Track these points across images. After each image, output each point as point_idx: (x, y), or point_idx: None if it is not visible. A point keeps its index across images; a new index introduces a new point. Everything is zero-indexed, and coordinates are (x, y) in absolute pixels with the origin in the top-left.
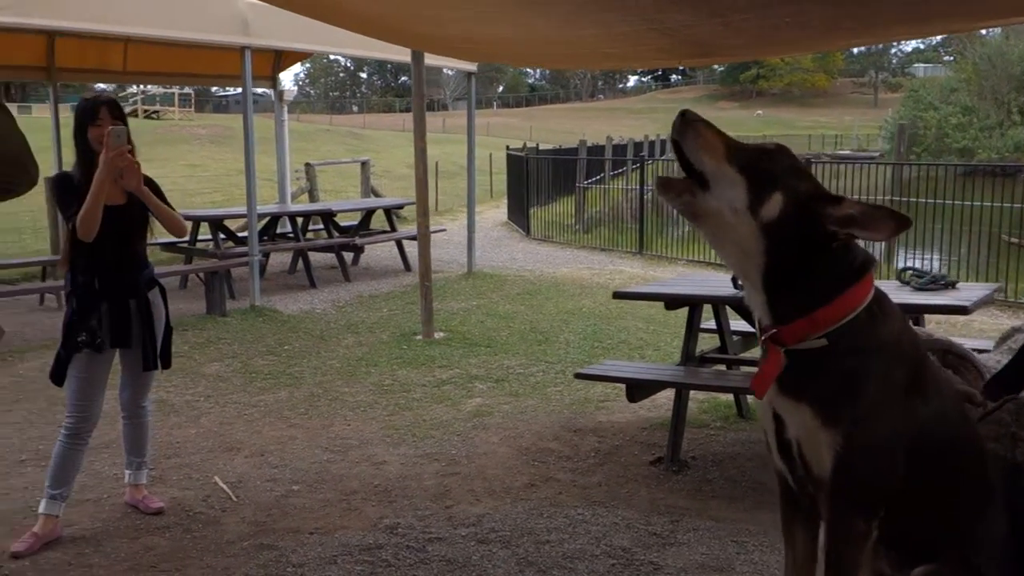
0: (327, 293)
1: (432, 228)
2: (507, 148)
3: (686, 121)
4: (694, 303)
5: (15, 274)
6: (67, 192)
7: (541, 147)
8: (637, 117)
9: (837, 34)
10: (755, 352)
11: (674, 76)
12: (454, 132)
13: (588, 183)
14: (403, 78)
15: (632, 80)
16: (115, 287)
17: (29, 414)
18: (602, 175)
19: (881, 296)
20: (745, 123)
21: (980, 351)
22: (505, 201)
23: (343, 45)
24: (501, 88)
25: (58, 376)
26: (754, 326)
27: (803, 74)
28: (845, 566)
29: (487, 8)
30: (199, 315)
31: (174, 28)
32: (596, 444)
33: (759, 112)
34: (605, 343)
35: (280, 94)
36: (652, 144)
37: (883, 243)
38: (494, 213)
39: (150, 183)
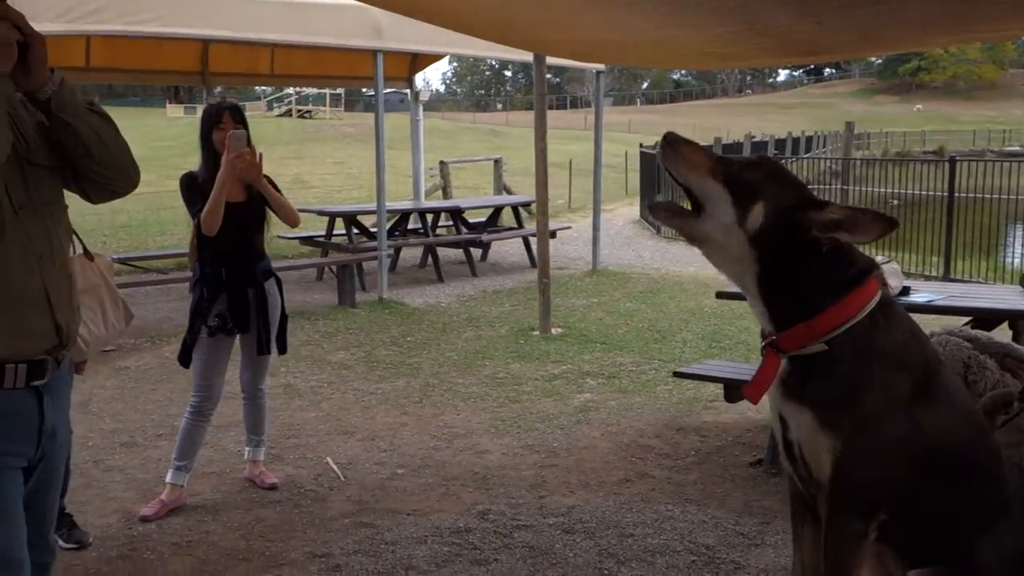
0: (453, 287)
1: (560, 225)
2: (640, 146)
3: (667, 143)
4: None
5: (168, 264)
6: (193, 190)
7: None
8: (786, 113)
9: (940, 31)
10: None
11: (828, 69)
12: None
13: None
14: (547, 75)
15: (782, 74)
16: (235, 277)
17: (171, 393)
18: None
19: (887, 303)
20: (903, 118)
21: None
22: (639, 199)
23: (472, 47)
24: (646, 84)
25: (185, 358)
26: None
27: (969, 65)
28: (842, 565)
29: (583, 11)
30: (331, 306)
31: (315, 35)
32: (697, 443)
33: (918, 107)
34: (723, 343)
35: (416, 94)
36: (796, 141)
37: None
38: (627, 211)
39: (268, 180)
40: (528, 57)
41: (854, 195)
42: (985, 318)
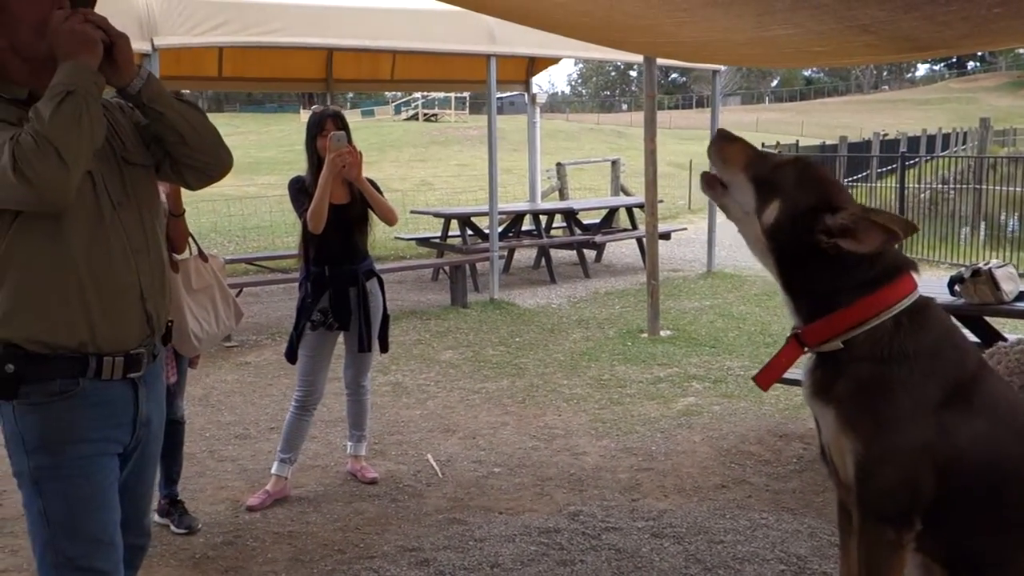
0: (565, 288)
1: (675, 227)
2: (762, 146)
3: (713, 139)
4: None
5: (291, 264)
6: (300, 192)
7: (809, 143)
8: (925, 109)
9: None
10: None
11: (971, 63)
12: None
13: (849, 181)
14: (673, 75)
15: (922, 69)
16: (338, 275)
17: (286, 389)
18: (867, 172)
19: (921, 305)
20: None
21: None
22: None
23: (587, 50)
24: (775, 82)
25: (291, 354)
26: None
27: None
28: (878, 573)
29: (680, 13)
30: (443, 306)
31: (431, 41)
32: (800, 451)
33: None
34: None
35: (532, 97)
36: (932, 139)
37: None
38: None
39: (370, 181)
40: (627, 57)
41: (989, 195)
42: None
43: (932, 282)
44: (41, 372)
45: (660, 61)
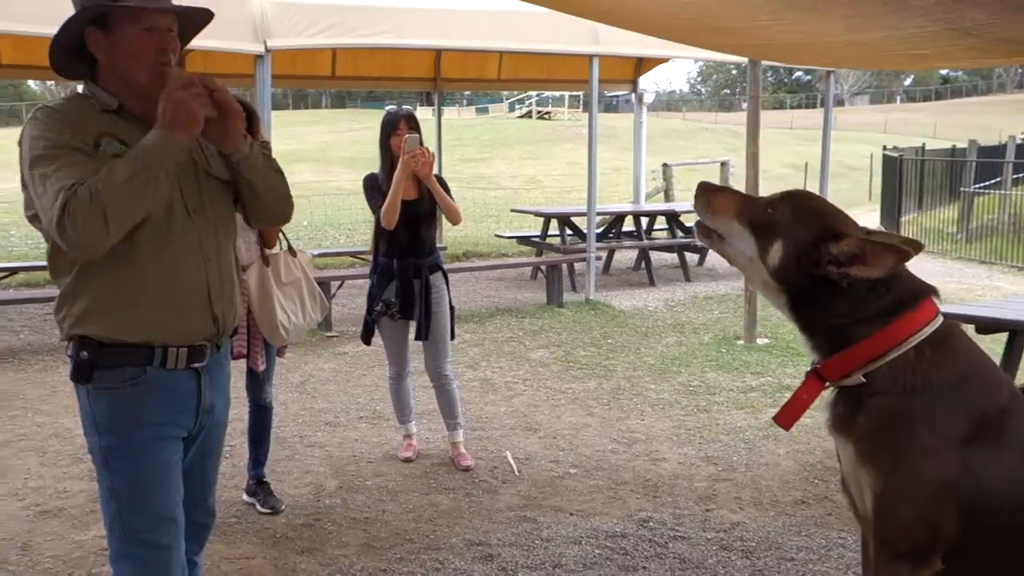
0: (663, 291)
1: None
2: (884, 148)
3: (696, 194)
4: (1013, 329)
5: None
6: (374, 189)
7: (937, 146)
8: None
9: None
10: None
11: None
12: (846, 129)
13: (979, 188)
14: (797, 73)
15: None
16: (404, 268)
17: (379, 380)
18: (1000, 179)
19: (942, 335)
20: None
21: None
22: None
23: (690, 50)
24: (908, 81)
25: (366, 336)
26: None
27: None
28: None
29: (764, 17)
30: (539, 305)
31: (536, 42)
32: None
33: None
34: None
35: (639, 97)
36: None
37: None
38: (868, 218)
39: (440, 180)
40: (733, 58)
41: None
42: None
43: None
44: (112, 360)
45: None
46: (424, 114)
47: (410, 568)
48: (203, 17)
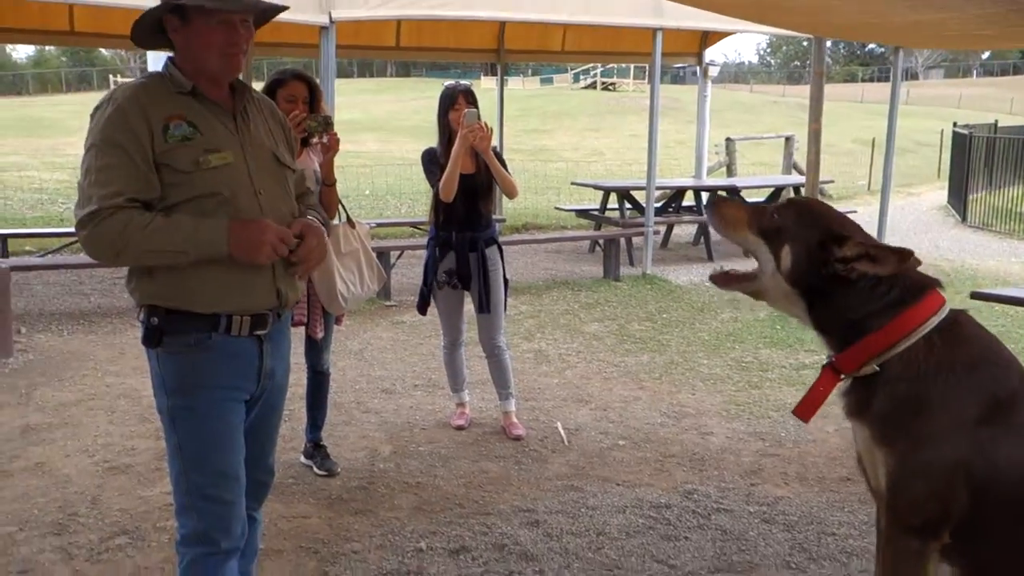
0: (721, 267)
1: (844, 210)
2: (954, 125)
3: (710, 205)
4: None
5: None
6: (432, 163)
7: (1012, 123)
8: None
9: None
10: None
11: None
12: (919, 104)
13: None
14: (870, 46)
15: None
16: (461, 240)
17: (435, 349)
18: None
19: (951, 324)
20: None
21: None
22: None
23: (754, 24)
24: (987, 55)
25: (421, 306)
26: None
27: None
28: None
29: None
30: (596, 278)
31: (600, 14)
32: None
33: None
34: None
35: (704, 70)
36: None
37: None
38: (935, 196)
39: (497, 154)
40: (793, 32)
41: None
42: None
43: None
44: (180, 326)
45: None
46: (488, 84)
47: (458, 531)
48: (278, 8)
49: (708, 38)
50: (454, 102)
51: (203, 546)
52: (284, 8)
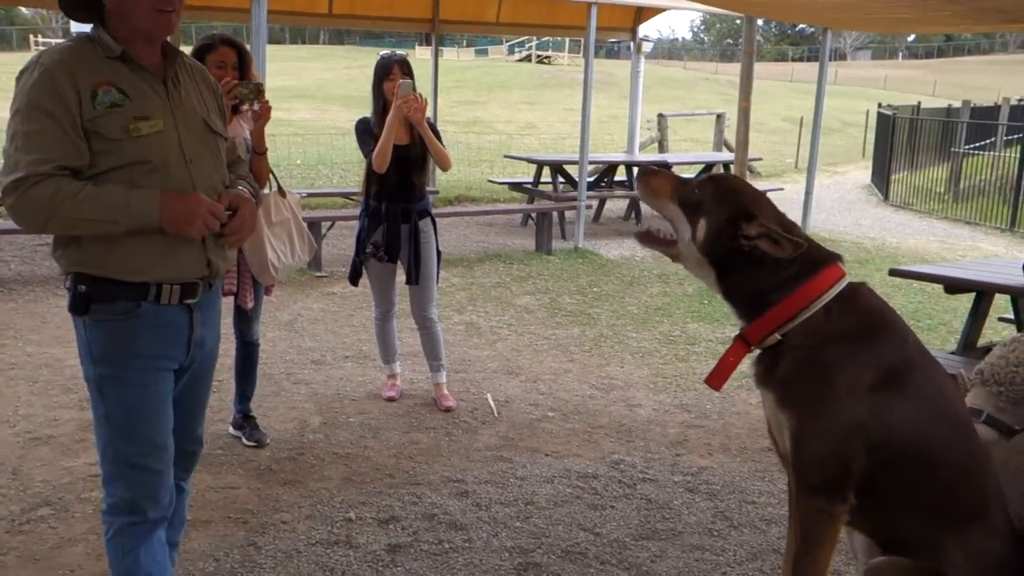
0: None
1: (770, 187)
2: (879, 106)
3: (639, 175)
4: (980, 290)
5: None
6: (366, 133)
7: (935, 105)
8: None
9: None
10: None
11: None
12: (846, 84)
13: (970, 148)
14: (800, 26)
15: None
16: (393, 212)
17: (366, 321)
18: (992, 140)
19: (848, 295)
20: None
21: None
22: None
23: (688, 2)
24: (912, 37)
25: (353, 277)
26: None
27: None
28: (809, 539)
29: None
30: (528, 251)
31: None
32: None
33: None
34: (923, 323)
35: (638, 46)
36: None
37: None
38: (859, 174)
39: (431, 126)
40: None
41: None
42: None
43: (1013, 264)
44: (108, 294)
45: None
46: (423, 54)
47: (388, 501)
48: None
49: (642, 14)
50: (389, 72)
51: (130, 515)
52: None
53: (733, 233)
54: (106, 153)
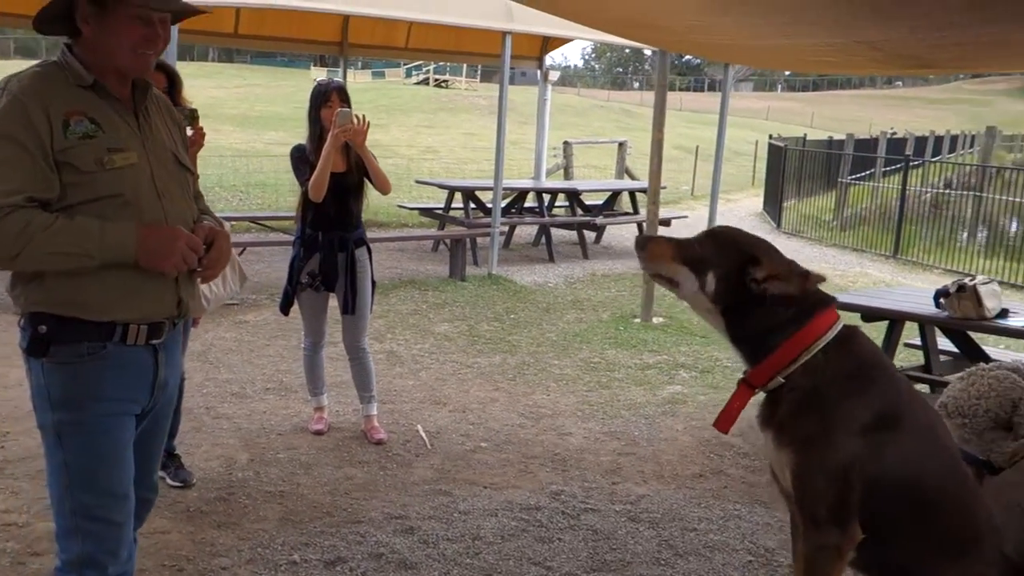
0: (563, 268)
1: (676, 214)
2: (769, 137)
3: (638, 247)
4: (893, 318)
5: (292, 225)
6: (302, 161)
7: (817, 137)
8: (936, 108)
9: None
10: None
11: None
12: (731, 114)
13: (853, 179)
14: (687, 57)
15: None
16: (329, 240)
17: (283, 350)
18: (872, 171)
19: (844, 338)
20: None
21: None
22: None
23: (599, 33)
24: (788, 72)
25: (284, 306)
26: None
27: None
28: (816, 573)
29: (698, 16)
30: (442, 278)
31: (449, 14)
32: None
33: None
34: None
35: (545, 74)
36: (939, 140)
37: None
38: (751, 202)
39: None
40: (637, 44)
41: (991, 202)
42: None
43: (920, 292)
44: (71, 335)
45: None
46: (318, 74)
47: (331, 541)
48: (197, 11)
49: (549, 43)
50: (327, 99)
51: (88, 571)
52: (206, 11)
53: (742, 279)
54: (77, 186)
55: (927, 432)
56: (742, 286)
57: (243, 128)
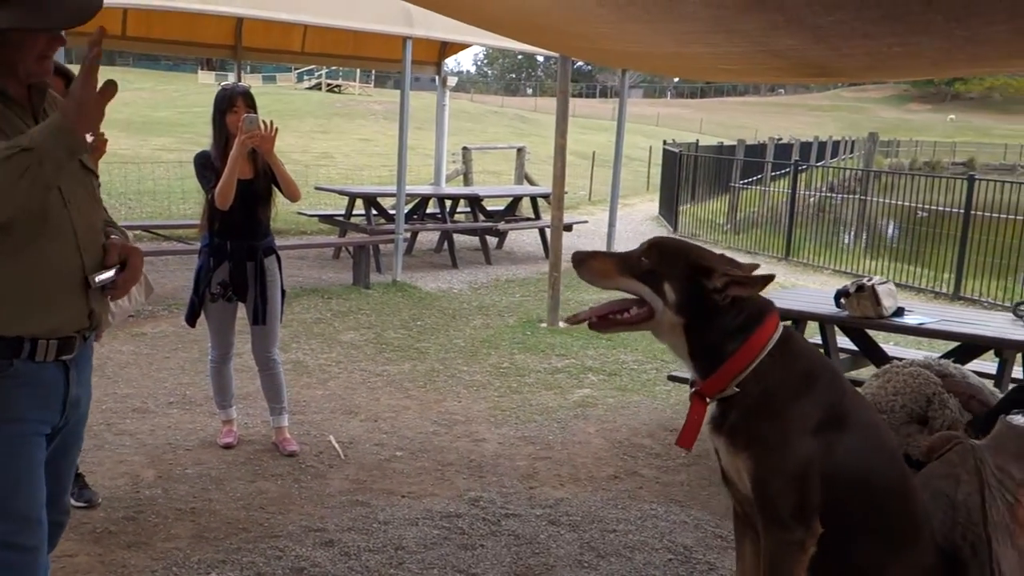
0: (467, 274)
1: (577, 219)
2: (664, 143)
3: (577, 263)
4: (795, 318)
5: (189, 233)
6: (206, 167)
7: (707, 143)
8: (817, 115)
9: (952, 64)
10: (861, 373)
11: None
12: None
13: (744, 183)
14: (578, 63)
15: None
16: (238, 249)
17: (184, 362)
18: (761, 175)
19: (785, 340)
20: (935, 127)
21: None
22: (659, 195)
23: (498, 38)
24: (677, 79)
25: (190, 318)
26: None
27: (1007, 78)
28: (781, 572)
29: (603, 24)
30: (345, 285)
31: (347, 18)
32: None
33: (951, 117)
34: None
35: (443, 80)
36: (823, 145)
37: None
38: (647, 206)
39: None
40: (548, 51)
41: (872, 205)
42: (972, 344)
43: (821, 293)
44: None
45: None
46: (206, 79)
47: (250, 558)
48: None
49: (447, 48)
50: (232, 104)
51: None
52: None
53: (700, 288)
54: None
55: (871, 428)
56: (700, 296)
57: (129, 134)
